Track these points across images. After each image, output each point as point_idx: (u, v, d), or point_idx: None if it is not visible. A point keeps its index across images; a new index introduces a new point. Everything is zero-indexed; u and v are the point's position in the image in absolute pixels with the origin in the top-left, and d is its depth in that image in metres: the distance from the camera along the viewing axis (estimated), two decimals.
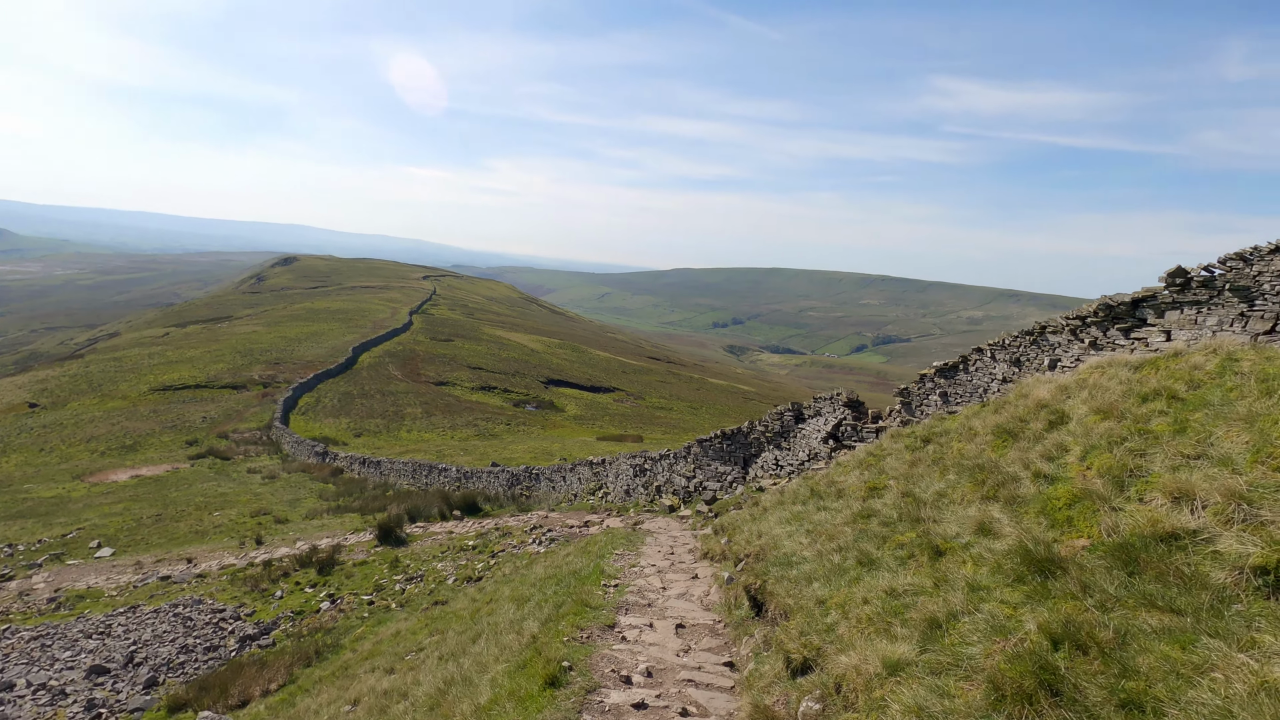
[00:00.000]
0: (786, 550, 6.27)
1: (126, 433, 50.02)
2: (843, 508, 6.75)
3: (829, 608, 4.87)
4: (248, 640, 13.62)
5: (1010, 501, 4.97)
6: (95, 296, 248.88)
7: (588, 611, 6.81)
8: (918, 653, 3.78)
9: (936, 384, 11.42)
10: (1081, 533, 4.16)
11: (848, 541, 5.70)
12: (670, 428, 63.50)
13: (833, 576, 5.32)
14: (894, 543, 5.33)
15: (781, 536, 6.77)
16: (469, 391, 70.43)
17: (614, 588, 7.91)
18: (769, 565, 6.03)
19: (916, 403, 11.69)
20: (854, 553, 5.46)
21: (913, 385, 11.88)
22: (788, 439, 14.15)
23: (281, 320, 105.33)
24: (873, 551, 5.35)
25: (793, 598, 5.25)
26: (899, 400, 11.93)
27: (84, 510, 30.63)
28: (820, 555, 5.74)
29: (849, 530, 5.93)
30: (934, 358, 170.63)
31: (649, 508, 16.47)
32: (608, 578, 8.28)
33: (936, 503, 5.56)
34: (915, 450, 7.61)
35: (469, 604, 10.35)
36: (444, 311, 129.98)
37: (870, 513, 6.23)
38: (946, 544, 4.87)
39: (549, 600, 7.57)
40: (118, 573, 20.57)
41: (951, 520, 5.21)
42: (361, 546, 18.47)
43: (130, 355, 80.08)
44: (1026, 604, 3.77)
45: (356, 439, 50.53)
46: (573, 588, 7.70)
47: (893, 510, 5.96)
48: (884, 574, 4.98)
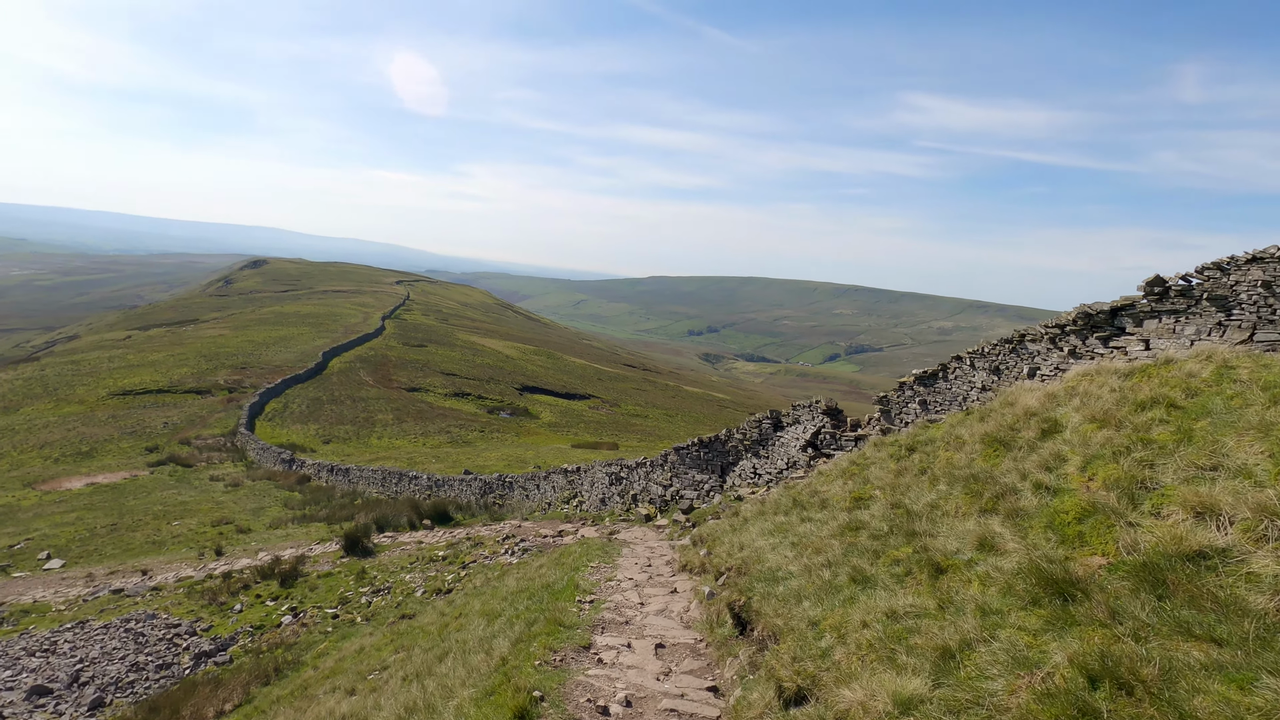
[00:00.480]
0: (771, 564, 5.97)
1: (83, 439, 48.20)
2: (828, 519, 6.51)
3: (823, 630, 4.57)
4: (203, 657, 12.97)
5: (1011, 515, 4.74)
6: (53, 298, 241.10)
7: (561, 631, 6.40)
8: (930, 687, 3.47)
9: (916, 392, 11.32)
10: (1096, 550, 3.92)
11: (837, 556, 5.43)
12: (646, 435, 63.21)
13: (824, 595, 5.04)
14: (889, 558, 5.08)
15: (765, 549, 6.48)
16: (442, 398, 69.38)
17: (589, 604, 7.53)
18: (753, 580, 5.73)
19: (896, 410, 11.58)
20: (846, 569, 5.20)
21: (892, 393, 11.77)
22: (766, 447, 13.95)
23: (249, 324, 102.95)
24: (866, 568, 5.09)
25: (782, 618, 4.98)
26: (878, 408, 11.81)
27: (34, 520, 29.30)
28: (808, 570, 5.47)
29: (837, 544, 5.65)
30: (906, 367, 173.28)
31: (625, 517, 16.13)
32: (582, 592, 7.90)
33: (929, 515, 5.31)
34: (900, 459, 7.41)
35: (437, 618, 9.91)
36: (418, 317, 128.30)
37: (858, 525, 5.98)
38: (947, 560, 4.61)
39: (520, 617, 7.18)
40: (67, 586, 19.61)
41: (949, 534, 4.97)
42: (327, 557, 17.82)
43: (89, 359, 77.46)
44: (1048, 631, 3.48)
45: (325, 446, 49.34)
46: (545, 603, 7.31)
47: (882, 523, 5.70)
48: (881, 593, 4.71)
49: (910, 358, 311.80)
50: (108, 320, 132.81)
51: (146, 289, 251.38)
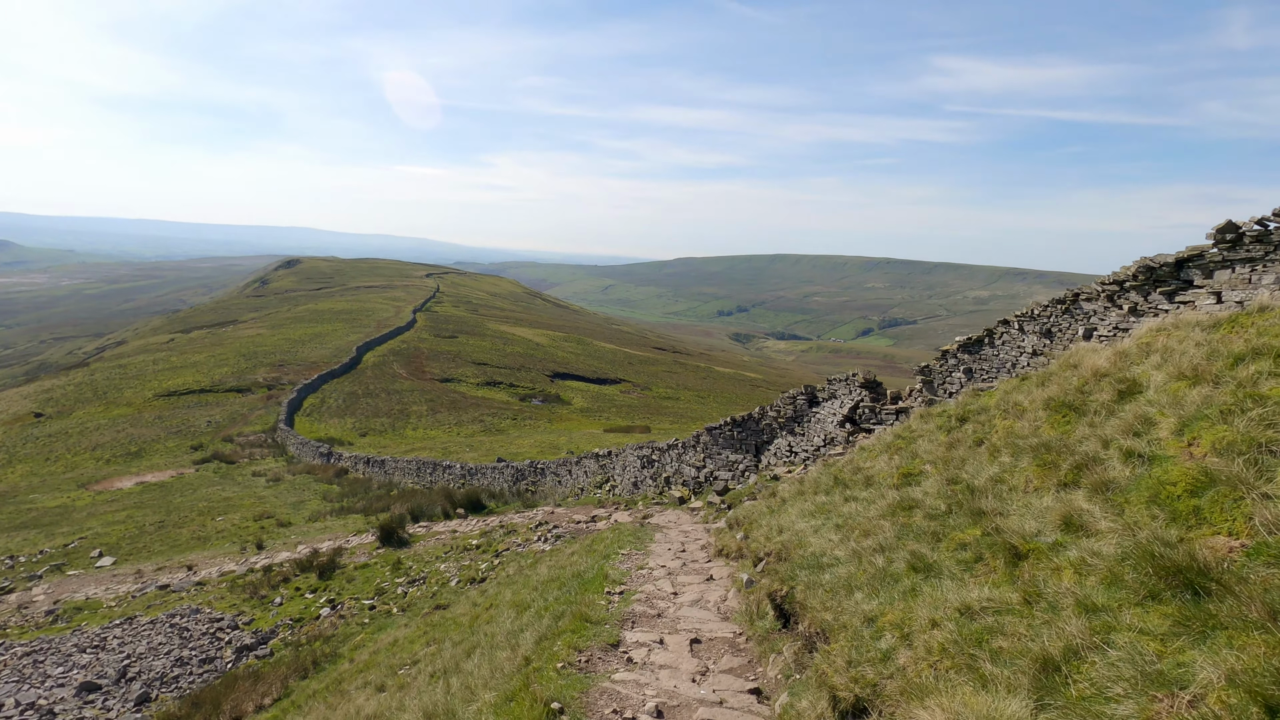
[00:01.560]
0: (814, 549, 5.48)
1: (131, 439, 49.76)
2: (875, 498, 6.01)
3: (881, 628, 4.01)
4: (245, 650, 13.09)
5: (1099, 488, 4.09)
6: (102, 305, 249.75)
7: (588, 628, 5.98)
8: (1032, 710, 2.79)
9: (960, 360, 10.69)
10: (1220, 528, 3.26)
11: (889, 539, 4.95)
12: (678, 417, 62.89)
13: (879, 584, 4.50)
14: (953, 541, 4.51)
15: (806, 532, 6.01)
16: (474, 387, 69.95)
17: (619, 595, 7.13)
18: (795, 567, 5.27)
19: (939, 381, 10.97)
20: (902, 554, 4.65)
21: (934, 362, 11.15)
22: (801, 424, 13.45)
23: (285, 322, 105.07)
24: (926, 553, 4.51)
25: (830, 611, 4.47)
26: (920, 379, 11.22)
27: (87, 519, 30.27)
28: (857, 556, 4.99)
29: (888, 525, 5.15)
30: (942, 339, 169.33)
31: (658, 500, 15.82)
32: (612, 583, 7.50)
33: (994, 491, 4.72)
34: (951, 431, 6.82)
35: (469, 609, 9.74)
36: (448, 308, 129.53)
37: (910, 504, 5.45)
38: (1026, 544, 3.98)
39: (549, 609, 6.90)
40: (117, 582, 20.13)
41: (1023, 512, 4.39)
42: (363, 549, 17.91)
43: (135, 362, 79.93)
44: (1180, 635, 2.80)
45: (362, 438, 50.12)
46: (574, 595, 6.98)
47: (939, 500, 5.17)
48: (948, 583, 4.12)
49: (946, 329, 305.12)
50: (152, 325, 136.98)
51: (188, 293, 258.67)
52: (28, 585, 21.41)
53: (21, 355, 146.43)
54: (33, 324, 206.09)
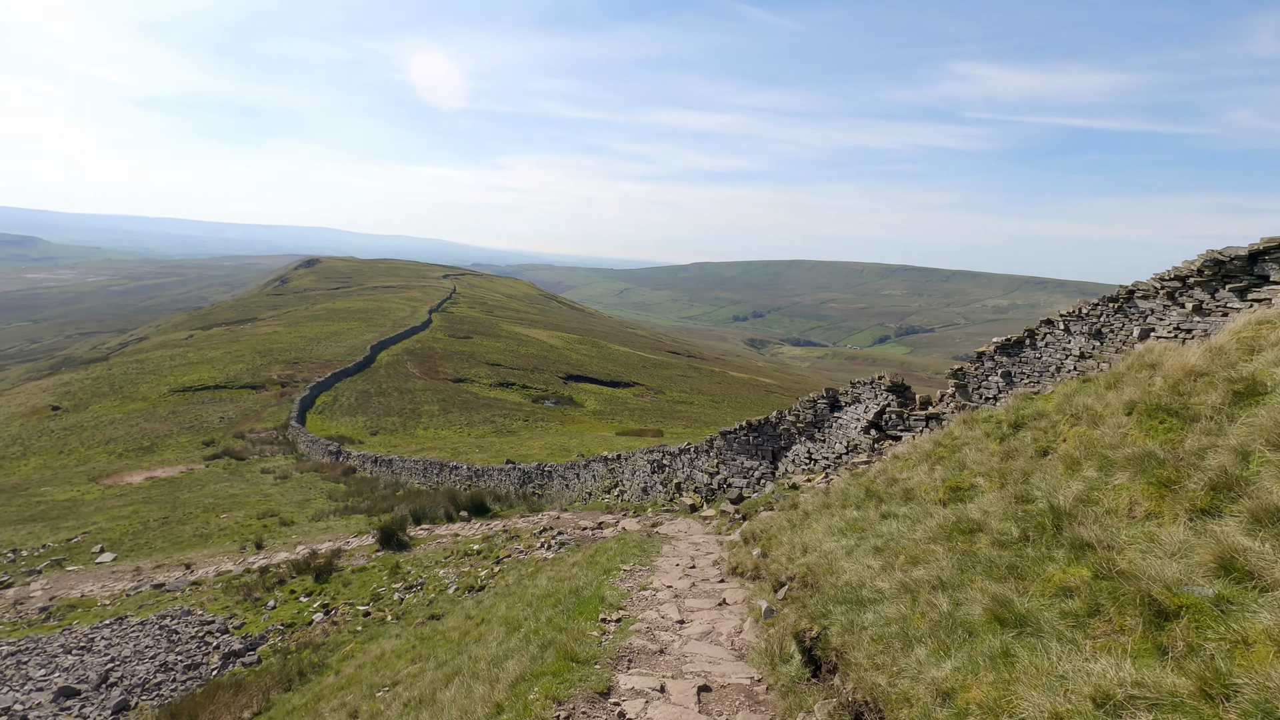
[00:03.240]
0: (850, 577, 4.63)
1: (144, 434, 49.81)
2: (919, 516, 5.20)
3: (966, 711, 2.99)
4: (232, 657, 12.50)
5: (1262, 519, 3.13)
6: (126, 302, 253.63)
7: (573, 669, 5.07)
8: None
9: (998, 363, 9.86)
10: None
11: (948, 572, 4.09)
12: (691, 421, 62.05)
13: (948, 639, 3.53)
14: (1048, 583, 3.54)
15: (837, 554, 5.19)
16: (487, 388, 69.57)
17: (616, 623, 6.23)
18: (828, 601, 4.42)
19: (974, 385, 10.13)
20: (975, 595, 3.69)
21: (968, 365, 10.32)
22: (822, 429, 12.64)
23: (302, 320, 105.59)
24: (1010, 597, 3.52)
25: (883, 672, 3.57)
26: (952, 383, 10.39)
27: (94, 513, 30.05)
28: (908, 592, 4.13)
29: (942, 552, 4.31)
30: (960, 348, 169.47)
31: (668, 507, 15.06)
32: (609, 607, 6.62)
33: (1087, 514, 3.88)
34: (1004, 439, 5.98)
35: (461, 622, 9.07)
36: (464, 309, 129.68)
37: (970, 525, 4.58)
38: (1173, 598, 2.95)
39: (538, 633, 6.15)
40: (115, 579, 19.71)
41: (1146, 549, 3.39)
42: (363, 551, 17.33)
43: (153, 357, 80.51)
44: None
45: (373, 437, 49.79)
46: (565, 620, 6.20)
47: (1009, 523, 4.27)
48: (1054, 646, 3.07)
49: (964, 337, 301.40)
50: (174, 321, 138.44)
51: (210, 290, 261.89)
52: (26, 580, 21.07)
53: (48, 349, 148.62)
54: (59, 319, 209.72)
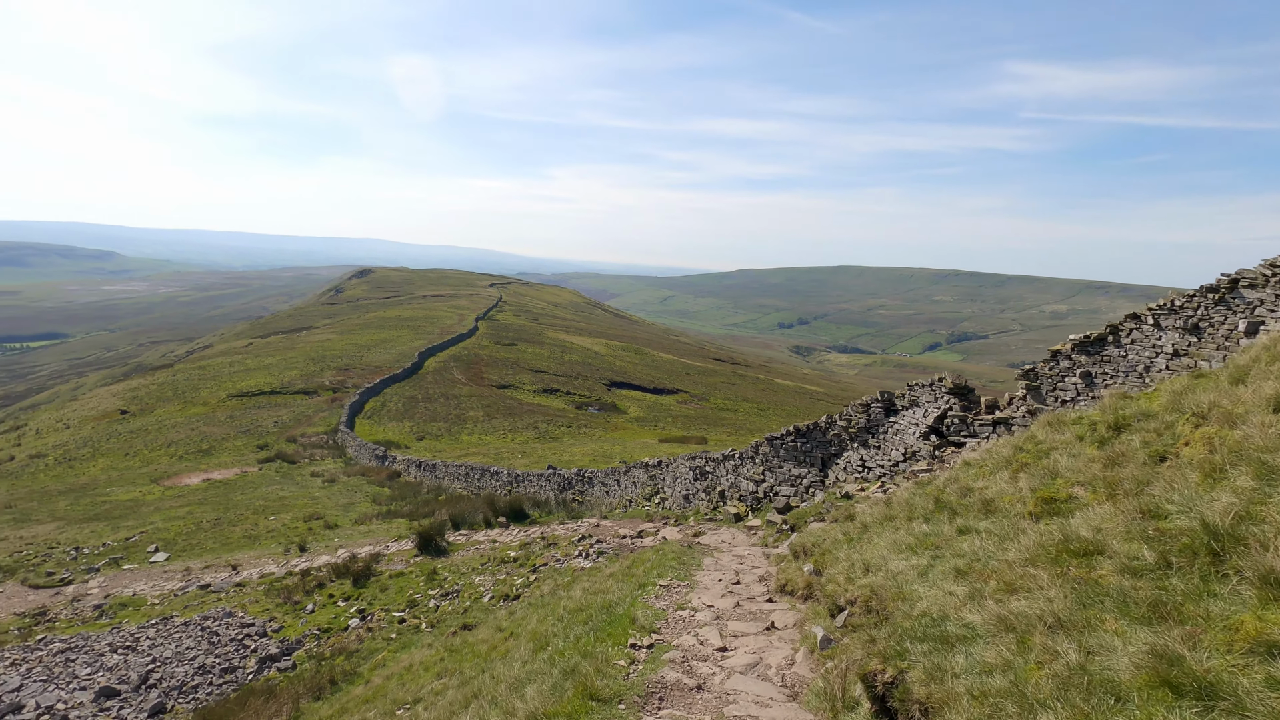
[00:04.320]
0: (927, 605, 3.85)
1: (204, 437, 51.56)
2: (1008, 532, 4.44)
3: None
4: (268, 661, 12.38)
5: None
6: (193, 311, 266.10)
7: (591, 711, 4.31)
8: None
9: (1076, 362, 8.94)
10: None
11: (1063, 605, 3.26)
12: (736, 429, 61.01)
13: (1090, 706, 2.63)
14: (1236, 635, 2.65)
15: (907, 575, 4.47)
16: (531, 394, 69.91)
17: (647, 649, 5.46)
18: (902, 635, 3.64)
19: (1048, 386, 9.23)
20: (1121, 647, 2.76)
21: (1042, 365, 9.42)
22: (876, 435, 11.83)
23: (354, 328, 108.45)
24: (1180, 651, 2.61)
25: None
26: (1023, 384, 9.50)
27: (153, 513, 31.00)
28: (1010, 629, 3.30)
29: (1047, 577, 3.46)
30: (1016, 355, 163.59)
31: (711, 516, 14.41)
32: (641, 630, 5.83)
33: (1246, 533, 3.01)
34: (1103, 443, 5.16)
35: (491, 635, 8.64)
36: (509, 317, 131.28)
37: (1082, 546, 3.75)
38: None
39: (564, 654, 5.61)
40: (166, 579, 20.08)
41: None
42: (401, 556, 17.18)
43: (214, 364, 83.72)
44: None
45: (419, 442, 50.40)
46: (591, 645, 5.55)
47: (1136, 544, 3.42)
48: None
49: (1020, 344, 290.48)
50: (236, 330, 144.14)
51: (270, 300, 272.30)
52: (86, 578, 21.69)
53: (122, 357, 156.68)
54: (133, 328, 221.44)
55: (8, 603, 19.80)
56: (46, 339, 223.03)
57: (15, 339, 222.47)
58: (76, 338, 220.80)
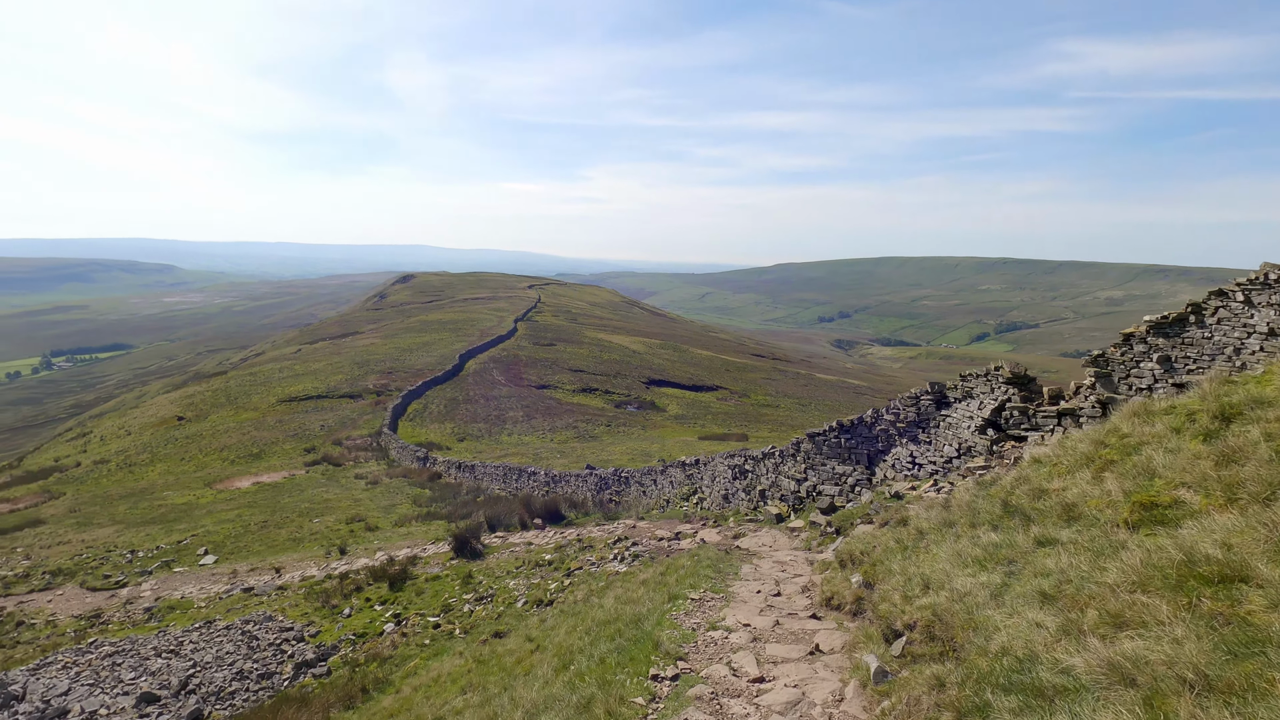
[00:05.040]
0: (1008, 639, 3.07)
1: (255, 441, 53.00)
2: (1102, 546, 3.73)
3: None
4: (304, 667, 12.30)
5: None
6: (247, 320, 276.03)
7: None
8: None
9: (1152, 345, 8.09)
10: None
11: (1201, 652, 2.54)
12: (777, 425, 59.94)
13: None
14: None
15: (978, 597, 3.77)
16: (570, 394, 70.00)
17: (671, 681, 4.79)
18: (980, 680, 2.84)
19: (1121, 374, 8.38)
20: None
21: (1112, 350, 8.57)
22: (927, 429, 11.07)
23: (397, 332, 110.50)
24: None
25: None
26: (1092, 371, 8.66)
27: (204, 517, 31.83)
28: (1129, 683, 2.55)
29: (1166, 609, 2.71)
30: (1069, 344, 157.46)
31: (751, 517, 13.81)
32: (665, 656, 5.15)
33: None
34: (1208, 436, 4.38)
35: (520, 645, 8.28)
36: (548, 318, 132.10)
37: (1215, 569, 2.95)
38: None
39: (584, 678, 5.15)
40: (213, 581, 20.43)
41: None
42: (438, 559, 17.04)
43: (264, 370, 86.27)
44: None
45: (460, 443, 50.85)
46: (611, 672, 5.05)
47: None
48: None
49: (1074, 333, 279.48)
50: (286, 337, 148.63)
51: (318, 308, 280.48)
52: (139, 580, 22.25)
53: (182, 366, 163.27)
54: (191, 338, 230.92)
55: (67, 605, 20.43)
56: (113, 350, 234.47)
57: (85, 350, 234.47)
58: (140, 348, 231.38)
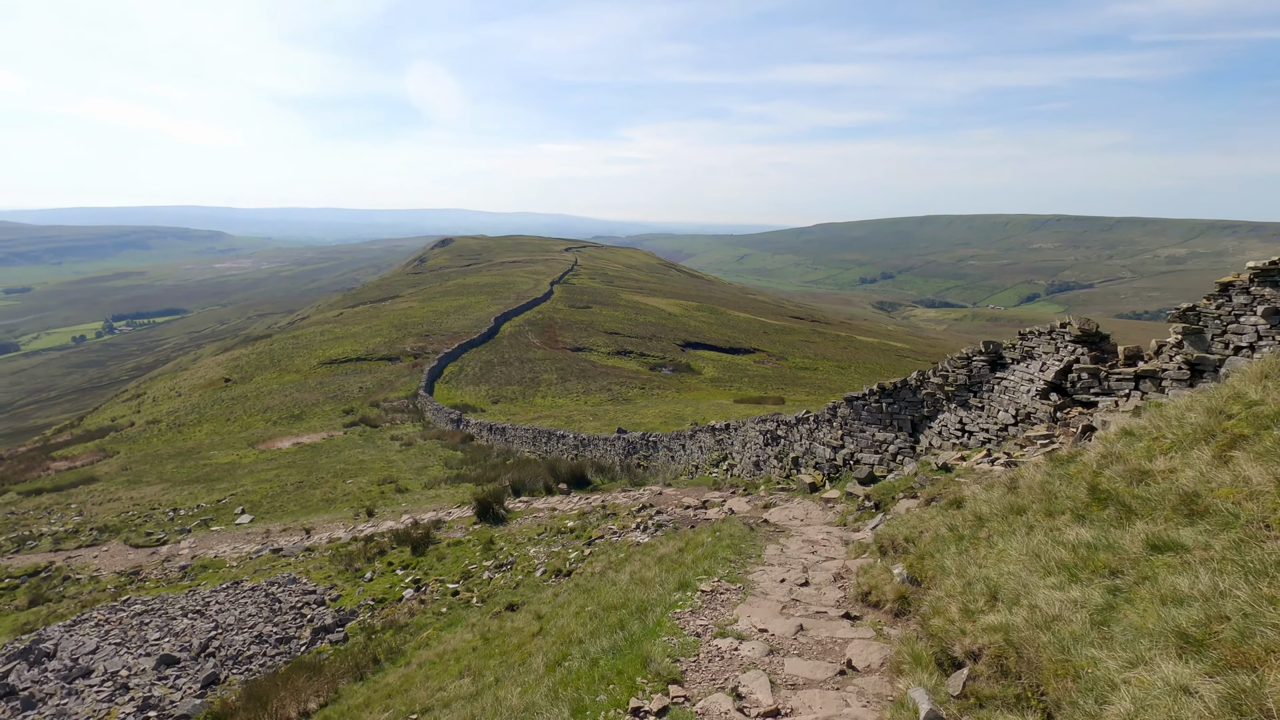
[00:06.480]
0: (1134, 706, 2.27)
1: (296, 403, 54.14)
2: (1256, 559, 2.87)
3: None
4: (321, 633, 12.12)
5: None
6: (293, 285, 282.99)
7: None
8: None
9: (1256, 296, 6.88)
10: None
11: None
12: (815, 388, 58.57)
13: None
14: None
15: (1071, 622, 2.78)
16: (605, 356, 69.60)
17: (656, 717, 3.84)
18: None
19: (1215, 330, 7.20)
20: None
21: (1205, 303, 7.37)
22: (979, 393, 10.01)
23: (435, 296, 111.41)
24: None
25: None
26: (1179, 327, 7.49)
27: (245, 476, 32.52)
28: None
29: None
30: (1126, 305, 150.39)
31: (783, 485, 13.00)
32: (655, 677, 4.14)
33: None
34: None
35: (527, 623, 7.75)
36: (584, 280, 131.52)
37: None
38: None
39: (572, 684, 4.46)
40: (246, 541, 20.67)
41: None
42: (461, 523, 16.76)
43: (307, 333, 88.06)
44: None
45: (494, 405, 51.03)
46: (594, 686, 4.30)
47: None
48: None
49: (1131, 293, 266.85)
50: (330, 301, 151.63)
51: (360, 272, 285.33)
52: (178, 539, 22.72)
53: (233, 329, 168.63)
54: (242, 302, 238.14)
55: (110, 561, 20.96)
56: (169, 314, 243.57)
57: (143, 315, 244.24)
58: (194, 312, 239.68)
